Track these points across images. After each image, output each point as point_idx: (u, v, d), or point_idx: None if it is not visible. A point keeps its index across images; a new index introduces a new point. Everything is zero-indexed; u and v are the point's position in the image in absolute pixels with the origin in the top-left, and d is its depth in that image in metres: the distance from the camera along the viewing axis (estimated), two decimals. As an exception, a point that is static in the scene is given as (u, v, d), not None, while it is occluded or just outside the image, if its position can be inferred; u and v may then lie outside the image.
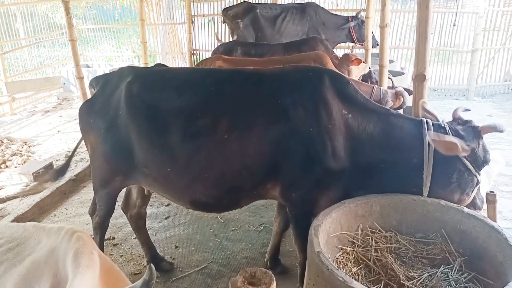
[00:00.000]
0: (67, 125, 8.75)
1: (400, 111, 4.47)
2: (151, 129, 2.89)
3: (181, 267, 3.84)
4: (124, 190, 3.54)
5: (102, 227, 3.44)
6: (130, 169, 3.06)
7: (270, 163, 2.77)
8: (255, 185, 2.90)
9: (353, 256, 2.43)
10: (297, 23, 7.81)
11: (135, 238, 4.01)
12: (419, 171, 2.63)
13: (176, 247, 4.19)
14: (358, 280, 2.26)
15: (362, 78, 5.26)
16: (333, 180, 2.75)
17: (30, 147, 7.44)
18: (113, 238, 4.35)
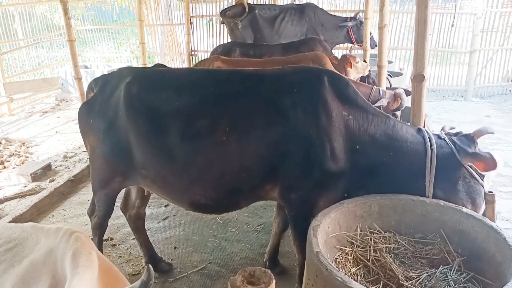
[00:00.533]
0: (65, 126, 8.74)
1: (398, 113, 4.49)
2: (149, 129, 2.88)
3: (180, 268, 3.84)
4: (123, 190, 3.54)
5: (101, 227, 3.43)
6: (129, 170, 3.05)
7: (269, 164, 2.76)
8: (254, 186, 2.89)
9: (352, 256, 2.43)
10: (295, 24, 7.81)
11: (133, 238, 4.01)
12: (421, 178, 2.64)
13: (175, 247, 4.18)
14: (357, 280, 2.26)
15: (360, 79, 5.26)
16: (332, 182, 2.75)
17: (28, 148, 7.43)
18: (112, 239, 4.35)
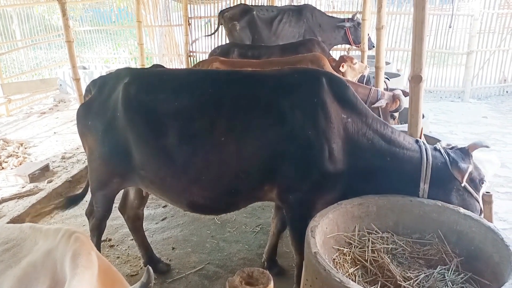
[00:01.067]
0: (63, 126, 8.72)
1: (396, 114, 4.51)
2: (148, 130, 2.87)
3: (178, 269, 3.84)
4: (122, 191, 3.53)
5: (99, 228, 3.42)
6: (127, 171, 3.05)
7: (268, 165, 2.76)
8: (252, 187, 2.89)
9: (350, 257, 2.43)
10: (293, 25, 7.82)
11: (131, 239, 4.00)
12: (415, 186, 2.66)
13: (173, 248, 4.18)
14: (355, 280, 2.26)
15: (358, 81, 5.27)
16: (330, 183, 2.75)
17: (26, 148, 7.41)
18: (110, 240, 4.34)
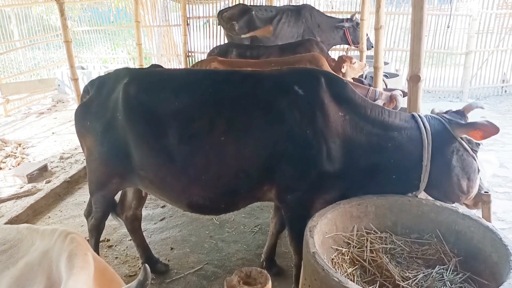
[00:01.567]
0: (61, 127, 8.72)
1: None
2: (148, 130, 2.86)
3: (176, 269, 3.83)
4: (120, 192, 3.53)
5: (98, 229, 3.42)
6: (127, 172, 3.04)
7: (267, 165, 2.76)
8: (251, 187, 2.88)
9: (348, 257, 2.43)
10: (292, 25, 7.82)
11: (130, 239, 3.99)
12: (419, 162, 2.64)
13: (171, 248, 4.18)
14: (353, 280, 2.26)
15: (357, 80, 5.27)
16: (329, 183, 2.74)
17: (25, 149, 7.41)
18: (108, 240, 4.33)
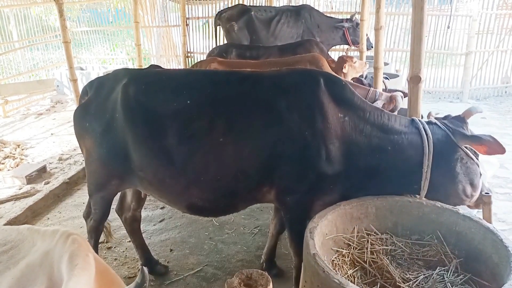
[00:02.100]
0: (60, 128, 8.70)
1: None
2: (147, 131, 2.85)
3: (176, 270, 3.82)
4: (119, 193, 3.52)
5: (97, 230, 3.40)
6: (126, 173, 3.02)
7: (266, 166, 2.75)
8: (251, 188, 2.87)
9: (348, 258, 2.42)
10: (291, 26, 7.81)
11: (129, 241, 3.99)
12: (420, 167, 2.62)
13: (171, 250, 4.17)
14: (354, 282, 2.25)
15: (356, 80, 5.27)
16: (328, 184, 2.73)
17: (23, 150, 7.40)
18: (107, 242, 4.31)
